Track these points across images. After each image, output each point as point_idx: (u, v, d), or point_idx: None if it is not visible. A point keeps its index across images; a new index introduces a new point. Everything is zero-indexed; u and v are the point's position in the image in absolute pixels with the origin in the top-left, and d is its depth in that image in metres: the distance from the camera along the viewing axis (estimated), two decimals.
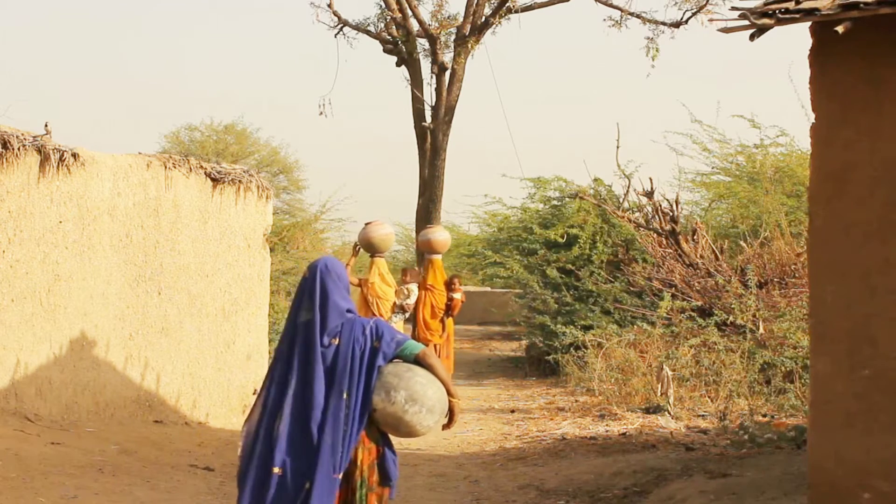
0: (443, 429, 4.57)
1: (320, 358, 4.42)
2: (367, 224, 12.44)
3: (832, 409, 4.99)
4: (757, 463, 7.50)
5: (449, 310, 13.17)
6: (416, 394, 4.29)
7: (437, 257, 13.29)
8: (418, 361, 4.41)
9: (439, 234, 13.59)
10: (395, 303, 12.40)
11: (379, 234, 12.36)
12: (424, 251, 13.79)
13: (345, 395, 4.34)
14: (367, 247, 12.40)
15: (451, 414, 4.50)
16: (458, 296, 13.20)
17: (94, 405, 9.22)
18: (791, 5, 4.87)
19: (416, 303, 12.92)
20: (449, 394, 4.45)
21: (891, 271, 4.85)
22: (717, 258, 15.07)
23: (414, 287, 12.76)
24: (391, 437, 4.50)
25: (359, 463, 4.38)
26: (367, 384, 4.32)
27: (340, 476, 4.31)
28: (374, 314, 11.57)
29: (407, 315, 12.78)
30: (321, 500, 4.27)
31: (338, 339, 4.43)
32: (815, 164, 5.15)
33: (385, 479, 4.46)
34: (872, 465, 4.84)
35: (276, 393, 4.49)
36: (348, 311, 4.49)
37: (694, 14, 17.70)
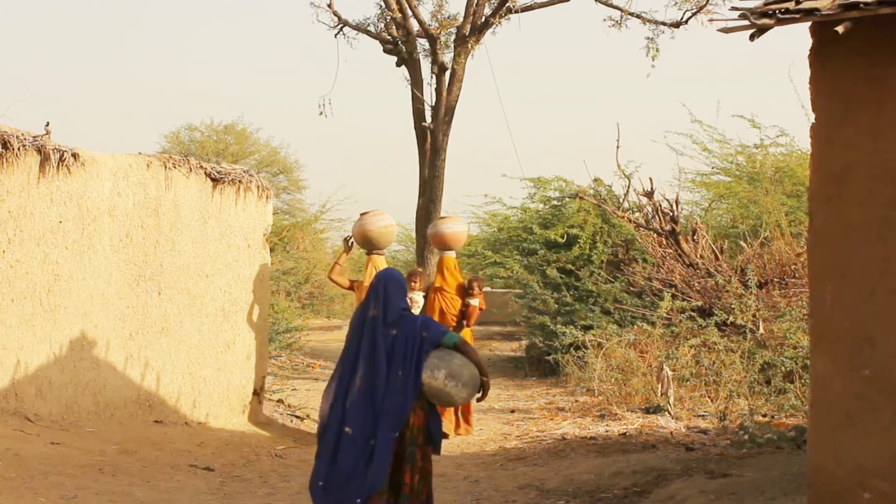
0: (477, 401, 5.91)
1: (383, 344, 5.68)
2: (362, 215, 10.66)
3: (832, 409, 4.99)
4: (757, 463, 7.50)
5: (464, 317, 11.01)
6: (455, 372, 5.53)
7: (450, 255, 11.21)
8: (457, 348, 5.68)
9: (452, 227, 11.33)
10: None
11: (377, 226, 10.55)
12: (436, 246, 11.94)
13: (400, 373, 5.58)
14: (363, 242, 10.60)
15: (483, 389, 5.72)
16: (475, 302, 11.02)
17: (94, 405, 9.22)
18: (791, 5, 4.87)
19: (425, 308, 10.88)
20: (482, 373, 5.68)
21: (891, 271, 4.85)
22: (717, 258, 15.08)
23: (419, 297, 10.75)
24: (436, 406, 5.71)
25: (410, 425, 5.57)
26: (418, 365, 5.56)
27: (396, 435, 5.51)
28: None
29: None
30: (382, 453, 5.49)
31: (395, 330, 5.68)
32: (815, 164, 5.15)
33: (429, 438, 5.68)
34: (872, 465, 4.84)
35: (347, 370, 5.75)
36: (403, 309, 5.78)
37: (694, 14, 17.68)
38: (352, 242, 10.74)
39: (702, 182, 19.42)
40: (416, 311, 10.21)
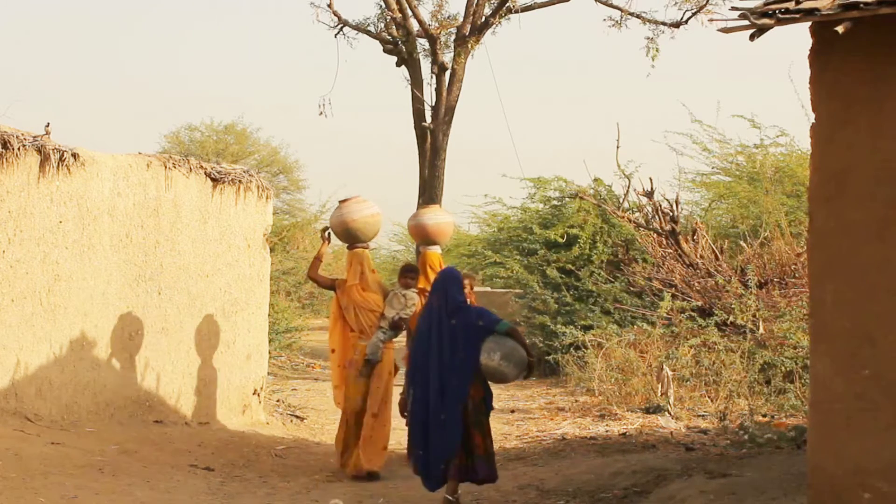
0: (524, 378, 7.22)
1: (448, 331, 6.81)
2: (341, 202, 9.04)
3: (832, 409, 4.99)
4: (757, 463, 7.50)
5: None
6: (507, 354, 6.47)
7: (434, 250, 9.43)
8: (508, 334, 6.71)
9: (436, 218, 9.51)
10: (383, 315, 8.74)
11: (360, 215, 8.91)
12: (417, 241, 10.13)
13: (461, 355, 6.60)
14: (344, 234, 8.98)
15: (530, 368, 6.80)
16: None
17: (94, 405, 9.22)
18: (791, 5, 4.86)
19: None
20: (528, 355, 6.71)
21: (891, 271, 4.85)
22: (717, 258, 15.07)
23: (414, 294, 8.86)
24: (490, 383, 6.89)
25: (472, 398, 6.69)
26: (476, 348, 6.53)
27: (461, 407, 6.60)
28: (351, 329, 8.81)
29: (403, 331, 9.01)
30: (453, 423, 6.61)
31: (455, 320, 6.77)
32: (815, 164, 5.15)
33: (487, 409, 6.93)
34: (872, 465, 4.84)
35: (420, 354, 7.00)
36: (461, 301, 6.91)
37: (694, 14, 17.69)
38: (329, 234, 9.21)
39: (702, 182, 19.41)
40: (409, 311, 8.70)
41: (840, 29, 4.74)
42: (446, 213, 9.93)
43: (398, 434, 8.89)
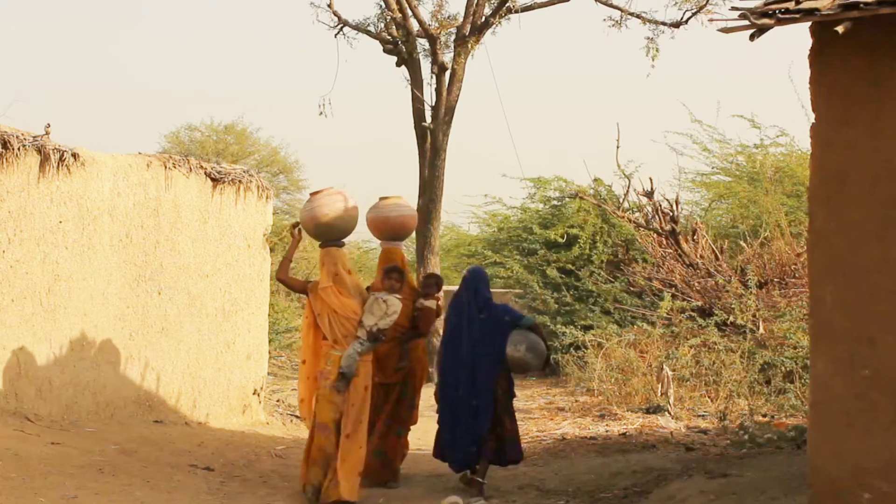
0: (543, 368, 7.57)
1: (476, 324, 7.43)
2: (313, 195, 7.84)
3: (832, 409, 4.99)
4: (757, 463, 7.50)
5: (415, 326, 8.12)
6: (532, 347, 7.06)
7: (395, 245, 8.32)
8: (532, 329, 7.33)
9: (399, 209, 8.29)
10: (361, 323, 7.50)
11: (332, 210, 7.69)
12: (377, 235, 8.49)
13: (491, 347, 7.12)
14: (316, 231, 7.78)
15: (547, 360, 7.37)
16: (430, 303, 8.13)
17: (94, 405, 9.22)
18: (791, 5, 4.87)
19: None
20: (547, 349, 7.33)
21: (891, 271, 4.85)
22: (717, 258, 15.08)
23: (396, 301, 7.57)
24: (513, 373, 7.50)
25: (500, 385, 7.26)
26: (503, 340, 7.10)
27: (491, 393, 7.17)
28: (324, 338, 7.60)
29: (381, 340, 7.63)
30: (485, 409, 7.19)
31: (484, 314, 7.34)
32: (815, 164, 5.16)
33: (512, 395, 7.53)
34: (872, 465, 4.84)
35: (451, 348, 7.59)
36: (488, 298, 7.46)
37: (694, 14, 17.64)
38: (300, 231, 8.04)
39: (702, 182, 19.41)
40: (389, 320, 7.48)
41: (840, 29, 4.74)
42: (407, 203, 8.50)
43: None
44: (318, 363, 7.67)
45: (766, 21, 4.87)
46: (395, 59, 18.68)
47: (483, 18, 18.08)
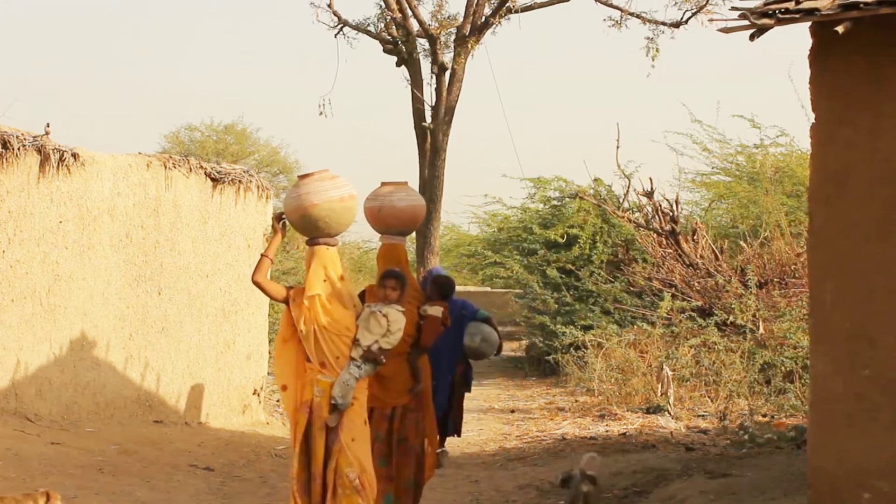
0: (495, 355, 7.82)
1: None
2: (300, 178, 6.10)
3: (832, 409, 4.99)
4: (757, 463, 7.50)
5: (419, 337, 6.62)
6: (486, 337, 7.47)
7: (397, 241, 6.74)
8: (485, 321, 7.57)
9: (409, 198, 6.69)
10: (356, 342, 5.87)
11: (323, 199, 5.92)
12: (378, 229, 6.78)
13: (451, 338, 7.27)
14: (300, 223, 6.03)
15: (499, 348, 7.63)
16: (434, 310, 6.65)
17: (94, 405, 9.22)
18: (791, 5, 4.87)
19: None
20: (499, 338, 7.60)
21: (891, 271, 4.85)
22: (717, 258, 15.08)
23: (399, 315, 6.05)
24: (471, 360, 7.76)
25: (456, 373, 7.63)
26: (461, 332, 7.41)
27: (450, 377, 7.54)
28: (308, 359, 5.90)
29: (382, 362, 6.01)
30: (444, 391, 7.48)
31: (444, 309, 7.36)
32: (815, 164, 5.15)
33: (467, 382, 7.87)
34: (872, 465, 4.84)
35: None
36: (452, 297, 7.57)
37: (694, 14, 17.66)
38: (284, 223, 6.20)
39: (702, 182, 19.41)
40: (394, 338, 5.96)
41: (840, 29, 4.74)
42: (414, 192, 6.87)
43: None
44: (303, 391, 5.93)
45: (766, 21, 4.86)
46: (395, 59, 18.68)
47: (483, 18, 18.09)
